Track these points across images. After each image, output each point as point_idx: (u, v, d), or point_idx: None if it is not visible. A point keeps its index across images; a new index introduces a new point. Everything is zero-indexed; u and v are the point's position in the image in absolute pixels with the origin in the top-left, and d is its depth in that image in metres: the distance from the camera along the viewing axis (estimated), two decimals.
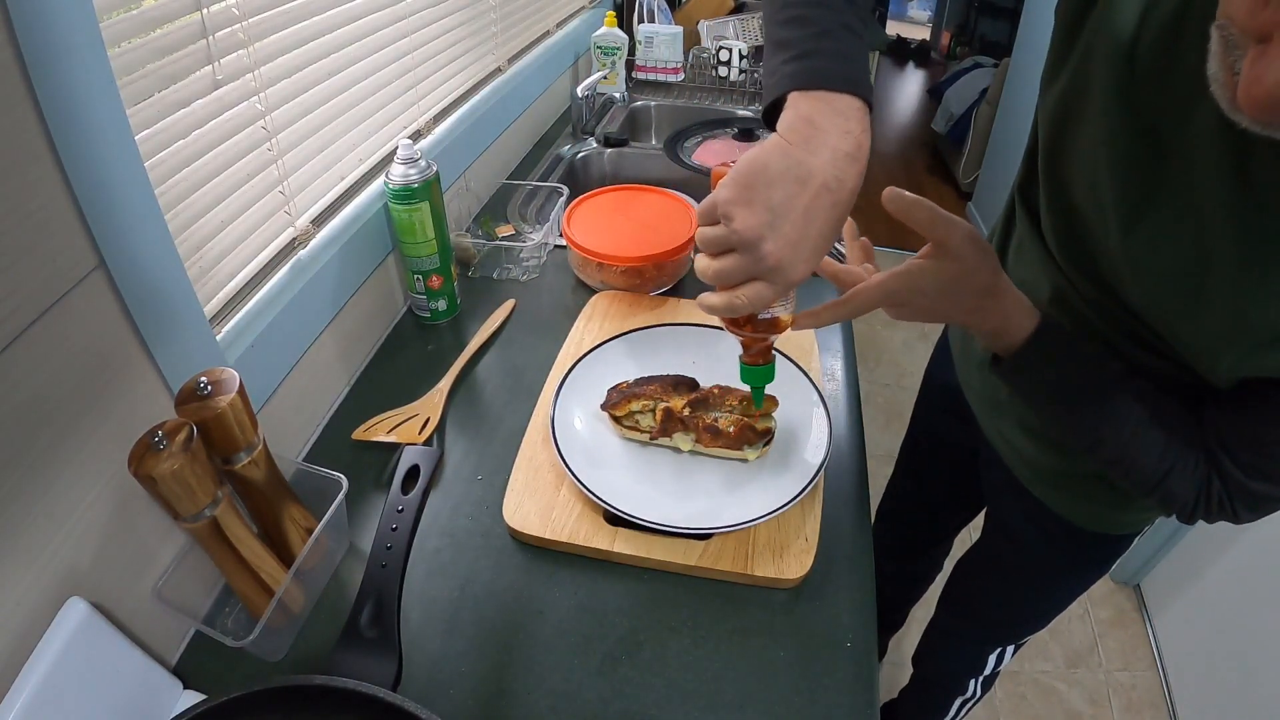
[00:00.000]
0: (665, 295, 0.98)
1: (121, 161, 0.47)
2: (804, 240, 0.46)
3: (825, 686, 0.57)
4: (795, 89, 0.47)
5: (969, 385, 0.84)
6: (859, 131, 0.46)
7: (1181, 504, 0.55)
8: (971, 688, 1.08)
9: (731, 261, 0.47)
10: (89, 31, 0.43)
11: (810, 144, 0.46)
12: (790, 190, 0.45)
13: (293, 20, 0.69)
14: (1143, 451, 0.54)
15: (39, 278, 0.43)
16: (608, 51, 1.58)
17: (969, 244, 0.51)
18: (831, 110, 0.46)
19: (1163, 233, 0.50)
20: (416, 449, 0.58)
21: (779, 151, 0.46)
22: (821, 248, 0.47)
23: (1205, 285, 0.48)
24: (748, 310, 0.49)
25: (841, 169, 0.46)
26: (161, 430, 0.46)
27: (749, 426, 0.70)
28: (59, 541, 0.46)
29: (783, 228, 0.45)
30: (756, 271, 0.47)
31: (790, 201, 0.45)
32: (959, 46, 4.83)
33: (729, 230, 0.46)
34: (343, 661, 0.50)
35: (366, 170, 0.87)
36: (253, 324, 0.67)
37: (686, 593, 0.64)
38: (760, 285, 0.48)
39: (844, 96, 0.47)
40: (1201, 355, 0.52)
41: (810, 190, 0.45)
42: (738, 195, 0.46)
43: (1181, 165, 0.47)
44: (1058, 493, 0.75)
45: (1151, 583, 1.70)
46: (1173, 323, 0.52)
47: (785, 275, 0.47)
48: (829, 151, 0.46)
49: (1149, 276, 0.52)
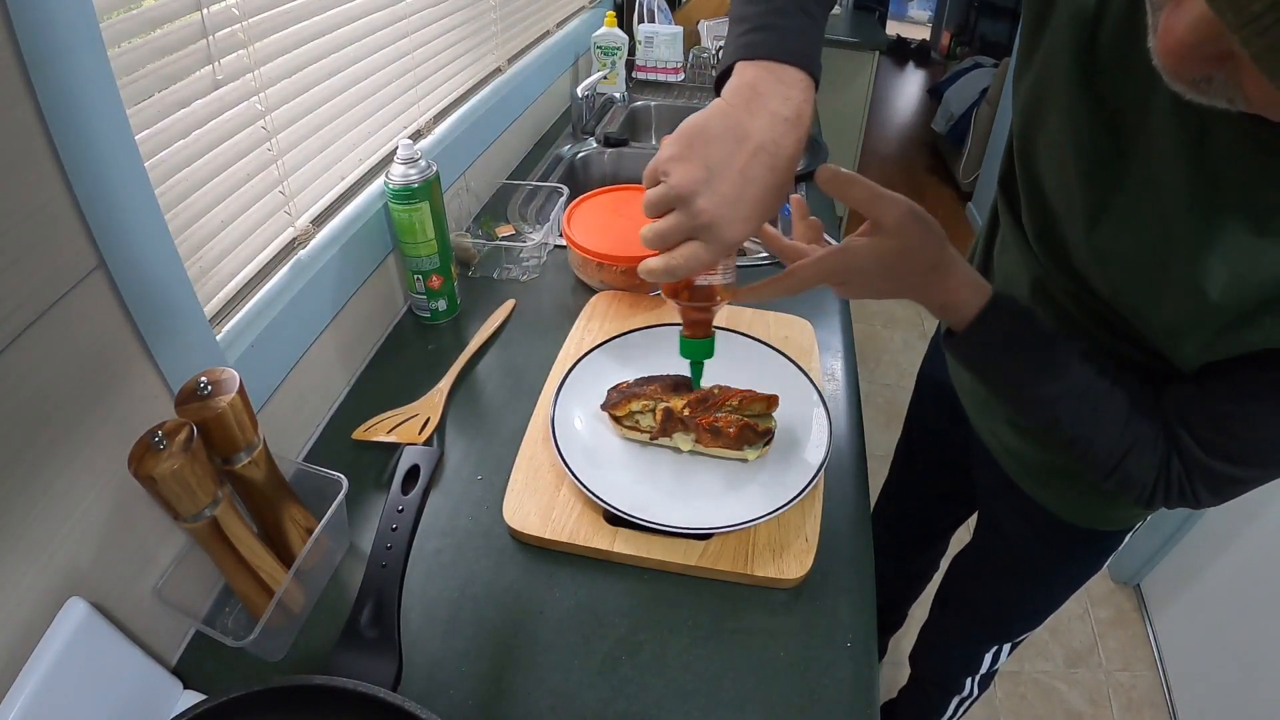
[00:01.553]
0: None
1: (121, 161, 0.47)
2: (740, 200, 0.47)
3: (825, 686, 0.57)
4: (743, 59, 0.49)
5: (960, 382, 0.84)
6: (800, 100, 0.48)
7: (1140, 486, 0.55)
8: (969, 687, 1.08)
9: (670, 220, 0.48)
10: (89, 31, 0.43)
11: (750, 107, 0.47)
12: (728, 149, 0.46)
13: (293, 20, 0.69)
14: (1100, 429, 0.54)
15: (39, 278, 0.43)
16: (608, 51, 1.58)
17: (909, 220, 0.50)
18: (774, 79, 0.48)
19: (1127, 222, 0.50)
20: (416, 449, 0.58)
21: (719, 113, 0.48)
22: (758, 211, 0.48)
23: (1169, 272, 0.48)
24: (685, 272, 0.50)
25: (779, 132, 0.47)
26: (161, 430, 0.46)
27: (749, 426, 0.70)
28: (59, 541, 0.46)
29: (718, 185, 0.46)
30: (692, 229, 0.48)
31: (727, 160, 0.46)
32: (959, 46, 4.84)
33: (667, 187, 0.47)
34: (343, 661, 0.50)
35: (366, 170, 0.87)
36: (253, 324, 0.67)
37: (686, 593, 0.64)
38: (696, 245, 0.49)
39: (788, 68, 0.48)
40: (1169, 341, 0.52)
41: (747, 150, 0.46)
42: (677, 152, 0.47)
43: (1142, 154, 0.48)
44: (1047, 489, 0.76)
45: (1151, 583, 1.70)
46: (1140, 310, 0.53)
47: (720, 234, 0.48)
48: (768, 115, 0.47)
49: (1115, 265, 0.53)
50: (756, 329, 0.88)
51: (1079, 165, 0.52)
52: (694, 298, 0.55)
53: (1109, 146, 0.50)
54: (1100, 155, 0.51)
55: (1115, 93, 0.49)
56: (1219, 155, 0.43)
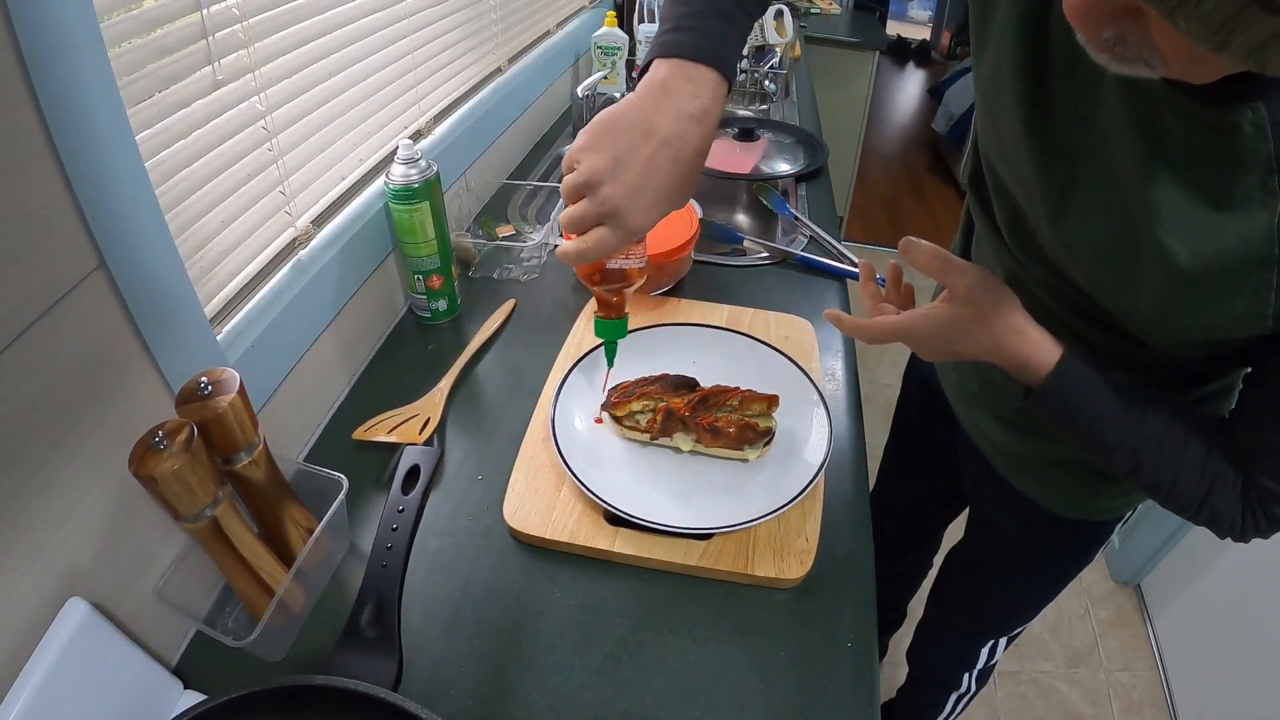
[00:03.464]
0: (665, 295, 0.98)
1: (122, 162, 0.47)
2: (643, 189, 0.50)
3: (825, 686, 0.57)
4: (658, 57, 0.52)
5: (946, 378, 0.85)
6: (708, 98, 0.51)
7: (1229, 522, 0.54)
8: (966, 682, 1.09)
9: (580, 207, 0.51)
10: (89, 32, 0.43)
11: (659, 102, 0.50)
12: (634, 141, 0.49)
13: (293, 20, 0.69)
14: (1182, 471, 0.54)
15: (40, 278, 0.43)
16: (608, 51, 1.58)
17: (980, 289, 0.54)
18: (684, 77, 0.50)
19: (1089, 212, 0.51)
20: (417, 449, 0.59)
21: (629, 107, 0.51)
22: (660, 200, 0.51)
23: (1138, 257, 0.49)
24: (595, 255, 0.52)
25: (684, 128, 0.50)
26: (162, 430, 0.46)
27: (749, 426, 0.70)
28: (59, 541, 0.46)
29: (623, 175, 0.49)
30: (600, 215, 0.50)
31: (633, 151, 0.49)
32: (959, 46, 4.84)
33: (578, 173, 0.50)
34: (343, 661, 0.50)
35: (367, 170, 0.87)
36: (253, 324, 0.67)
37: (687, 593, 0.64)
38: (603, 230, 0.51)
39: (700, 66, 0.51)
40: (1148, 324, 0.53)
41: (652, 143, 0.49)
42: (588, 142, 0.50)
43: (1096, 144, 0.49)
44: (1034, 481, 0.76)
45: (1151, 583, 1.70)
46: (1115, 296, 0.54)
47: (624, 221, 0.50)
48: (674, 111, 0.50)
49: (1084, 256, 0.54)
50: (756, 329, 0.88)
51: (1035, 161, 0.53)
52: (606, 280, 0.59)
53: (1063, 140, 0.51)
54: (1055, 149, 0.52)
55: (1065, 87, 0.50)
56: (1168, 137, 0.44)
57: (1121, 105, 0.46)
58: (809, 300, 1.00)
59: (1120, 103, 0.46)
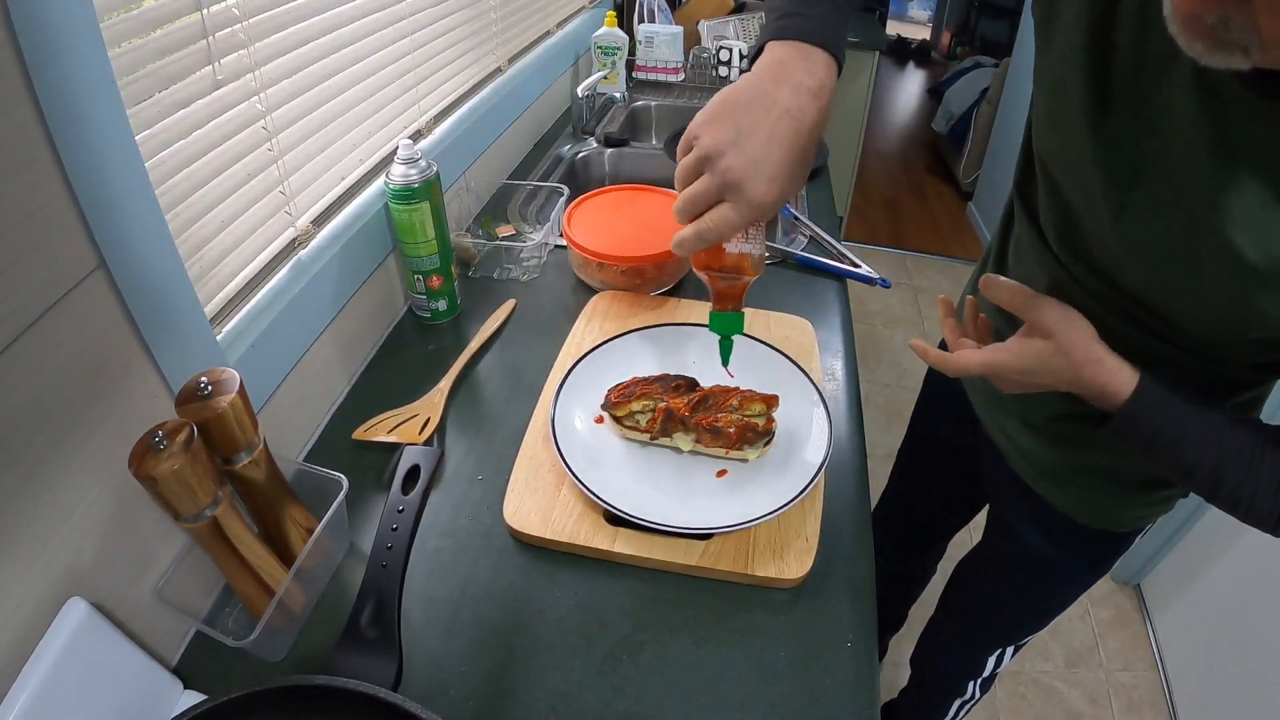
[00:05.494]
0: (665, 295, 0.98)
1: (122, 162, 0.47)
2: (766, 160, 0.50)
3: (825, 686, 0.57)
4: (773, 39, 0.53)
5: (971, 383, 0.84)
6: (823, 75, 0.52)
7: None
8: (970, 690, 1.08)
9: (700, 183, 0.51)
10: (89, 32, 0.43)
11: (777, 78, 0.51)
12: (756, 115, 0.50)
13: (293, 20, 0.69)
14: (1260, 486, 0.54)
15: (40, 278, 0.43)
16: (608, 51, 1.58)
17: (1061, 322, 0.55)
18: (800, 55, 0.52)
19: (1150, 212, 0.51)
20: (417, 449, 0.58)
21: (748, 85, 0.52)
22: (784, 174, 0.51)
23: (1198, 254, 0.49)
24: (715, 236, 0.52)
25: (804, 101, 0.51)
26: (162, 430, 0.46)
27: (749, 426, 0.70)
28: (59, 541, 0.46)
29: (746, 145, 0.50)
30: (721, 188, 0.51)
31: (755, 123, 0.50)
32: (959, 46, 4.84)
33: (698, 148, 0.51)
34: (343, 661, 0.50)
35: (367, 170, 0.87)
36: (253, 324, 0.67)
37: (687, 593, 0.64)
38: (725, 207, 0.51)
39: (813, 48, 0.52)
40: (1204, 324, 0.53)
41: (774, 115, 0.50)
42: (709, 118, 0.52)
43: (1160, 143, 0.49)
44: (1060, 489, 0.75)
45: (1152, 583, 1.70)
46: (1171, 299, 0.54)
47: (747, 192, 0.50)
48: (793, 85, 0.51)
49: (1144, 255, 0.54)
50: (756, 329, 0.88)
51: (1099, 162, 0.53)
52: (724, 268, 0.56)
53: (1126, 141, 0.51)
54: (1117, 150, 0.52)
55: (1131, 85, 0.49)
56: (1240, 135, 0.44)
57: (1192, 104, 0.46)
58: (809, 300, 1.00)
59: (1190, 101, 0.46)
